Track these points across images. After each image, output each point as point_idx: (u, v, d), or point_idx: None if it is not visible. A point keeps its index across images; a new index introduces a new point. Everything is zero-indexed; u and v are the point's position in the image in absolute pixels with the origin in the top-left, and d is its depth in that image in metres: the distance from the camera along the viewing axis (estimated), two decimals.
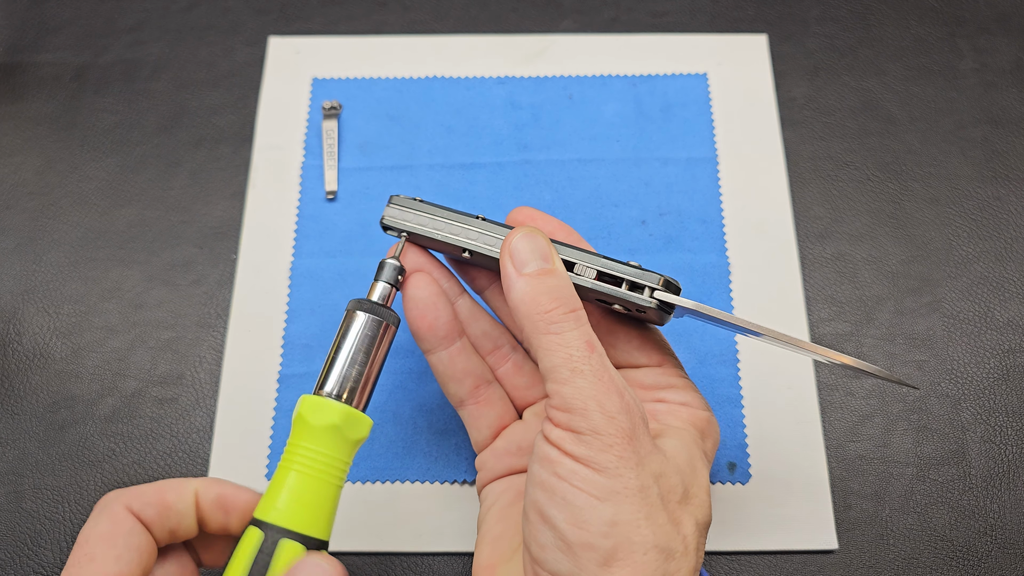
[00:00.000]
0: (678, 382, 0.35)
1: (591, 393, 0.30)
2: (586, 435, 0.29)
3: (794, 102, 0.52)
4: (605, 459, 0.29)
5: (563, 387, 0.30)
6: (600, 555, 0.29)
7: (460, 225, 0.36)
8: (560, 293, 0.32)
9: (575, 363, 0.30)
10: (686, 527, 0.30)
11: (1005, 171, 0.50)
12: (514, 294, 0.32)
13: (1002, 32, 0.54)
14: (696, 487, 0.32)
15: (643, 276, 0.33)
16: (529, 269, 0.32)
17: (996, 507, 0.42)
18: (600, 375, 0.30)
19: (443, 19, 0.55)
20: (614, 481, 0.29)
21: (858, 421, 0.44)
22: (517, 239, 0.33)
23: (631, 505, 0.29)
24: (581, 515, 0.29)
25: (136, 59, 0.54)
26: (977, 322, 0.46)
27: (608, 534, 0.29)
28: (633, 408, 0.30)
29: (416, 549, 0.41)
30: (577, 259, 0.34)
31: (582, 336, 0.31)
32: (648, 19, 0.54)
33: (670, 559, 0.29)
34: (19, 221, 0.49)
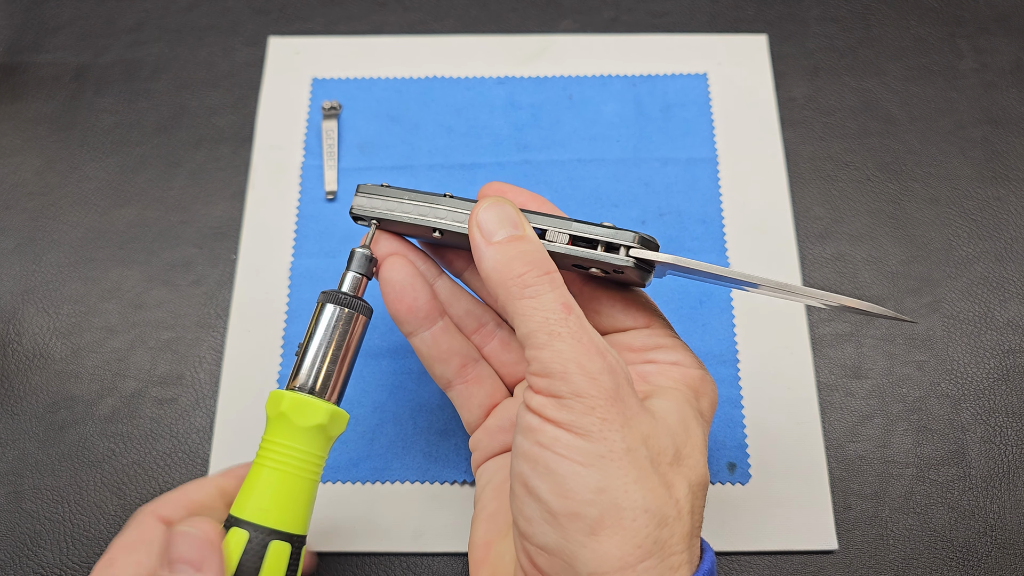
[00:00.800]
0: (667, 342, 0.34)
1: (571, 355, 0.28)
2: (567, 399, 0.28)
3: (794, 102, 0.52)
4: (588, 422, 0.28)
5: (541, 351, 0.29)
6: (587, 524, 0.27)
7: (428, 205, 0.35)
8: (532, 257, 0.31)
9: (552, 326, 0.29)
10: (679, 490, 0.29)
11: (1005, 171, 0.50)
12: (485, 263, 0.31)
13: (1002, 32, 0.54)
14: (689, 447, 0.30)
15: (617, 235, 0.32)
16: (498, 237, 0.31)
17: (996, 507, 0.42)
18: (579, 336, 0.29)
19: (443, 19, 0.55)
20: (598, 445, 0.28)
21: (858, 421, 0.44)
22: (483, 209, 0.32)
23: (618, 469, 0.28)
24: (565, 483, 0.28)
25: (136, 59, 0.54)
26: (977, 322, 0.46)
27: (594, 501, 0.27)
28: (616, 368, 0.29)
29: (416, 549, 0.41)
30: (549, 225, 0.33)
31: (558, 298, 0.30)
32: (648, 19, 0.54)
33: (663, 524, 0.28)
34: (19, 221, 0.49)
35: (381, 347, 0.45)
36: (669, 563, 0.28)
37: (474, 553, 0.34)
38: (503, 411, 0.37)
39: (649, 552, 0.27)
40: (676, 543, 0.28)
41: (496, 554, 0.33)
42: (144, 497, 0.42)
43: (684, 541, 0.28)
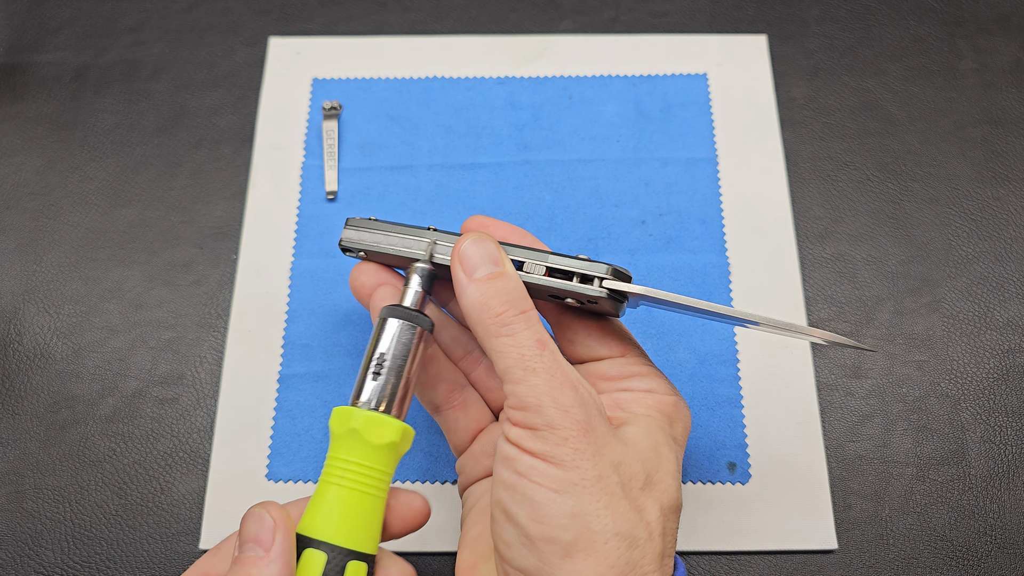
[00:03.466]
0: (642, 370, 0.35)
1: (545, 389, 0.30)
2: (542, 431, 0.30)
3: (794, 102, 0.52)
4: (561, 452, 0.30)
5: (518, 386, 0.31)
6: (561, 547, 0.29)
7: (413, 238, 0.37)
8: (510, 295, 0.32)
9: (527, 362, 0.31)
10: (649, 513, 0.31)
11: (1005, 171, 0.50)
12: (465, 299, 0.32)
13: (1002, 32, 0.54)
14: (662, 472, 0.32)
15: (591, 267, 0.34)
16: (479, 274, 0.33)
17: (996, 507, 0.42)
18: (553, 372, 0.31)
19: (443, 19, 0.55)
20: (571, 473, 0.29)
21: (858, 421, 0.44)
22: (466, 245, 0.33)
23: (590, 495, 0.29)
24: (541, 509, 0.29)
25: (136, 59, 0.54)
26: (977, 322, 0.46)
27: (568, 526, 0.29)
28: (588, 400, 0.31)
29: (416, 549, 0.41)
30: (526, 258, 0.35)
31: (533, 335, 0.31)
32: (648, 19, 0.54)
33: (633, 546, 0.29)
34: (19, 221, 0.49)
35: None
36: None
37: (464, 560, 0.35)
38: (487, 436, 0.38)
39: (621, 573, 0.29)
40: (648, 563, 0.30)
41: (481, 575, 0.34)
42: (145, 497, 0.43)
43: (656, 561, 0.30)
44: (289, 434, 0.43)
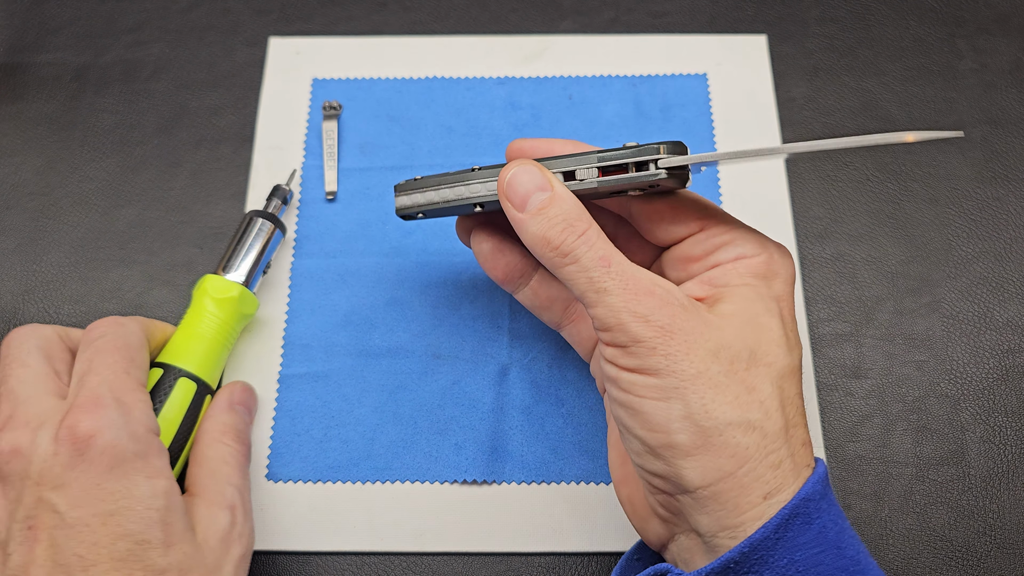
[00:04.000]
0: (724, 239, 0.34)
1: (621, 305, 0.31)
2: (631, 346, 0.31)
3: (794, 102, 0.52)
4: (654, 362, 0.30)
5: (596, 309, 0.31)
6: (681, 450, 0.30)
7: (460, 185, 0.36)
8: (564, 219, 0.32)
9: (597, 283, 0.31)
10: (761, 391, 0.31)
11: (1005, 171, 0.50)
12: (524, 237, 0.33)
13: (1002, 32, 0.54)
14: (765, 343, 0.32)
15: (644, 151, 0.32)
16: (530, 207, 0.32)
17: (995, 507, 0.42)
18: (625, 285, 0.31)
19: (443, 19, 0.55)
20: (669, 379, 0.30)
21: (857, 421, 0.44)
22: (507, 182, 0.33)
23: (693, 394, 0.30)
24: (652, 419, 0.30)
25: (136, 59, 0.54)
26: (976, 322, 0.46)
27: (681, 429, 0.30)
28: (668, 299, 0.31)
29: (416, 549, 0.41)
30: (575, 165, 0.33)
31: (596, 254, 0.31)
32: (648, 19, 0.54)
33: (749, 430, 0.30)
34: (19, 221, 0.49)
35: (381, 347, 0.45)
36: (767, 462, 0.30)
37: (613, 473, 0.37)
38: None
39: (744, 459, 0.30)
40: (770, 443, 0.30)
41: (630, 474, 0.36)
42: None
43: (779, 438, 0.30)
44: (289, 434, 0.43)
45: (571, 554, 0.41)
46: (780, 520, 0.29)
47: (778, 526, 0.29)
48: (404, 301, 0.46)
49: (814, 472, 0.31)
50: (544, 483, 0.42)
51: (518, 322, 0.46)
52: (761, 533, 0.29)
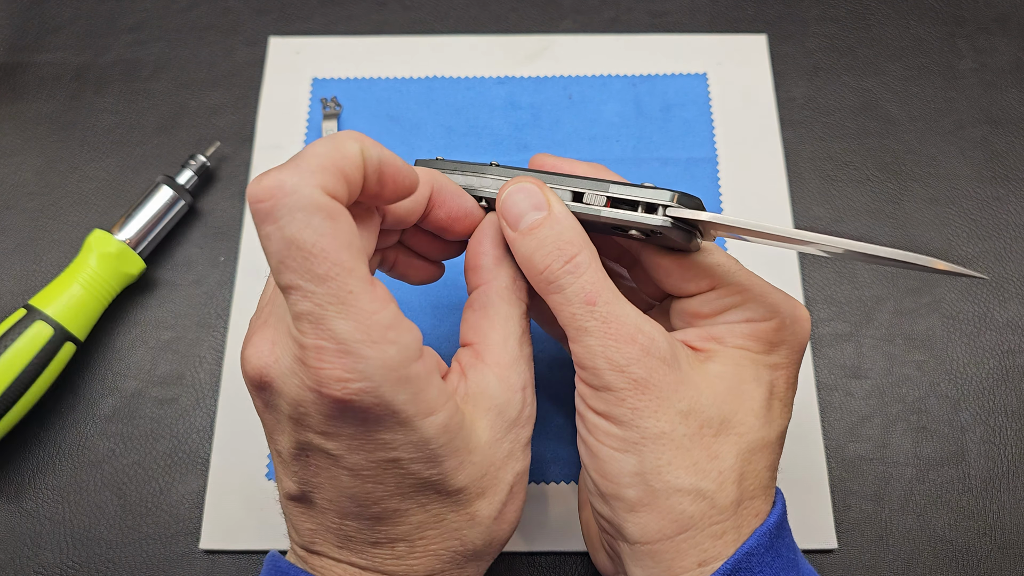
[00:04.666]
0: (735, 300, 0.32)
1: (599, 349, 0.30)
2: (600, 391, 0.30)
3: (794, 102, 0.52)
4: (620, 412, 0.30)
5: (574, 346, 0.30)
6: (626, 503, 0.30)
7: (475, 175, 0.34)
8: (555, 242, 0.30)
9: (578, 321, 0.30)
10: (723, 460, 0.30)
11: (1005, 171, 0.50)
12: (516, 257, 0.32)
13: (1002, 32, 0.54)
14: (741, 413, 0.30)
15: (655, 195, 0.30)
16: (522, 225, 0.31)
17: (995, 508, 0.42)
18: (606, 328, 0.29)
19: (443, 19, 0.55)
20: (631, 432, 0.29)
21: (857, 422, 0.44)
22: (505, 196, 0.31)
23: (651, 453, 0.29)
24: (606, 467, 0.30)
25: (136, 59, 0.54)
26: (976, 322, 0.46)
27: (631, 484, 0.30)
28: (650, 349, 0.29)
29: None
30: (586, 188, 0.32)
31: (581, 289, 0.30)
32: (648, 19, 0.54)
33: (699, 499, 0.29)
34: (19, 221, 0.49)
35: None
36: (709, 532, 0.29)
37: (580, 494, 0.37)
38: None
39: (685, 526, 0.29)
40: (717, 513, 0.29)
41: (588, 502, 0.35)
42: (144, 497, 0.42)
43: (728, 510, 0.30)
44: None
45: (571, 554, 0.41)
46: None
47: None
48: (403, 301, 0.46)
49: (763, 523, 0.30)
50: (544, 483, 0.42)
51: None
52: None
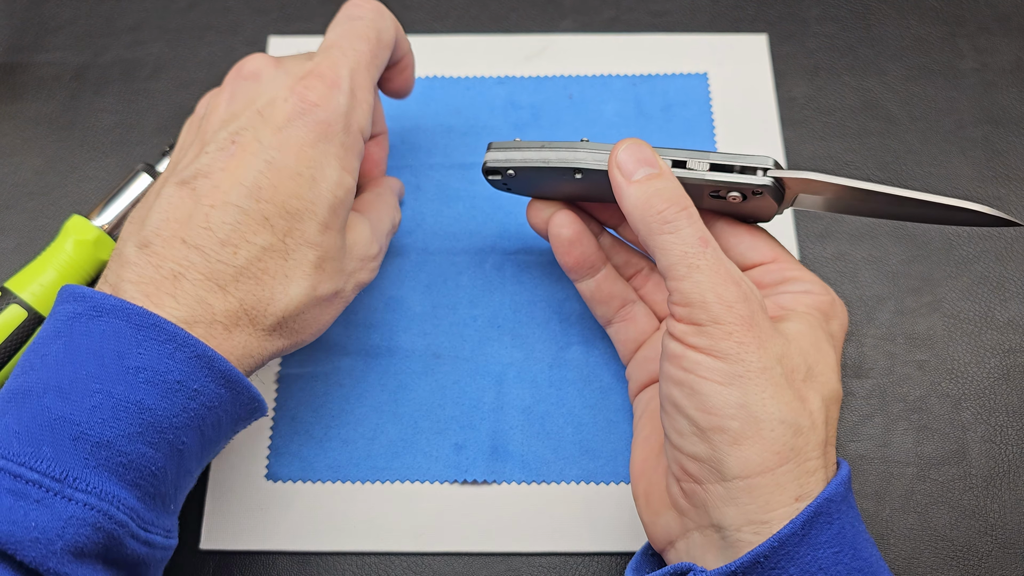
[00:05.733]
0: (795, 273, 0.36)
1: (709, 285, 0.31)
2: (707, 326, 0.31)
3: (794, 102, 0.52)
4: (726, 346, 0.31)
5: (681, 283, 0.32)
6: (730, 436, 0.30)
7: (566, 150, 0.37)
8: (670, 193, 0.33)
9: (691, 259, 0.32)
10: (812, 403, 0.32)
11: (1005, 171, 0.50)
12: (627, 201, 0.34)
13: (1002, 32, 0.54)
14: (822, 365, 0.33)
15: (754, 160, 0.34)
16: (637, 176, 0.34)
17: (997, 507, 0.42)
18: (716, 268, 0.32)
19: (443, 19, 0.55)
20: (736, 366, 0.31)
21: (858, 421, 0.44)
22: (621, 151, 0.34)
23: (755, 386, 0.31)
24: (709, 401, 0.31)
25: (136, 59, 0.54)
26: (977, 322, 0.46)
27: (735, 416, 0.30)
28: (751, 296, 0.32)
29: (416, 549, 0.41)
30: (688, 156, 0.35)
31: (696, 232, 0.32)
32: (648, 19, 0.54)
33: (798, 433, 0.31)
34: (19, 221, 0.49)
35: (381, 347, 0.45)
36: (805, 467, 0.31)
37: (633, 470, 0.38)
38: (652, 343, 0.41)
39: (786, 458, 0.30)
40: (811, 450, 0.31)
41: (651, 467, 0.36)
42: None
43: (819, 448, 0.31)
44: (289, 434, 0.43)
45: (571, 554, 0.41)
46: (806, 518, 0.29)
47: (804, 523, 0.29)
48: (403, 301, 0.46)
49: (837, 474, 0.32)
50: (544, 483, 0.42)
51: (518, 322, 0.45)
52: (789, 529, 0.29)
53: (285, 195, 0.34)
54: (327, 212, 0.34)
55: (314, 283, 0.35)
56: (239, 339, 0.33)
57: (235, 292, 0.33)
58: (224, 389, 0.32)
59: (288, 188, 0.34)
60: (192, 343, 0.31)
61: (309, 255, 0.34)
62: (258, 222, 0.33)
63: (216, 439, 0.33)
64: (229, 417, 0.33)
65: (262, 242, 0.33)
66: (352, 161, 0.36)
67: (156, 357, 0.30)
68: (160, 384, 0.30)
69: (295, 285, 0.34)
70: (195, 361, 0.31)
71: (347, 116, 0.35)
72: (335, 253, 0.35)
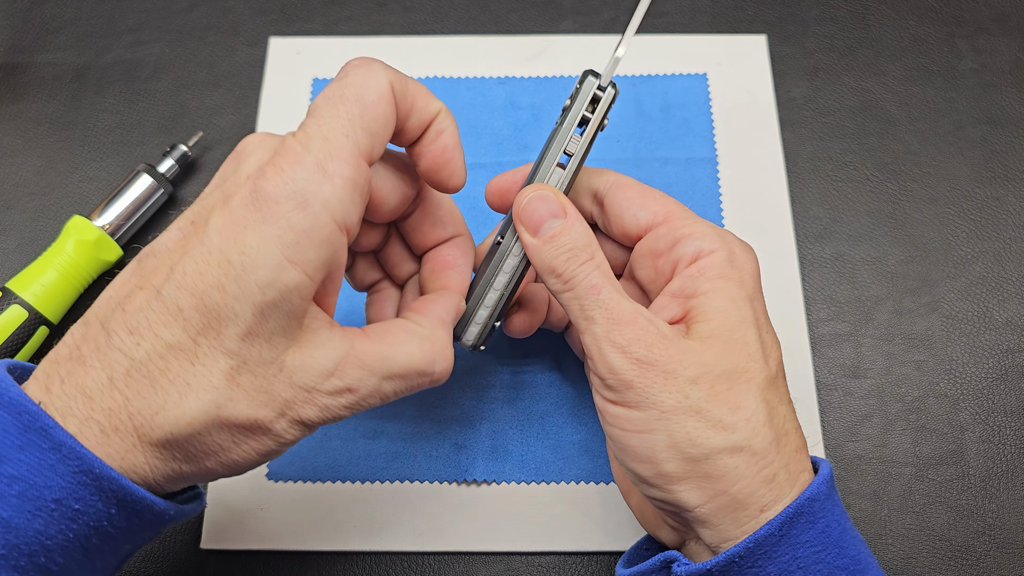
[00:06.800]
0: (688, 230, 0.35)
1: (603, 334, 0.31)
2: (608, 378, 0.31)
3: (793, 102, 0.52)
4: (632, 396, 0.31)
5: (584, 337, 0.32)
6: (672, 477, 0.31)
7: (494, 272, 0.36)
8: (572, 248, 0.33)
9: (586, 311, 0.32)
10: (747, 408, 0.31)
11: (1004, 171, 0.50)
12: (535, 264, 0.33)
13: (1001, 32, 0.54)
14: (744, 359, 0.32)
15: (587, 89, 0.35)
16: (543, 233, 0.33)
17: (994, 507, 0.42)
18: (609, 313, 0.31)
19: (443, 19, 0.55)
20: (649, 411, 0.31)
21: (857, 421, 0.44)
22: (525, 203, 0.34)
23: (676, 425, 0.30)
24: (640, 452, 0.31)
25: (136, 59, 0.54)
26: (976, 322, 0.46)
27: (669, 458, 0.30)
28: (650, 328, 0.31)
29: (416, 549, 0.41)
30: (558, 148, 0.35)
31: (589, 283, 0.32)
32: (648, 19, 0.54)
33: (736, 451, 0.30)
34: (20, 221, 0.49)
35: None
36: (761, 477, 0.30)
37: (619, 484, 0.38)
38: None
39: (736, 478, 0.30)
40: (760, 458, 0.30)
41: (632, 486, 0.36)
42: None
43: (770, 451, 0.31)
44: None
45: (571, 554, 0.41)
46: (784, 518, 0.30)
47: (782, 524, 0.30)
48: None
49: (819, 474, 0.31)
50: (544, 483, 0.42)
51: None
52: (765, 530, 0.30)
53: (207, 285, 0.27)
54: (252, 314, 0.27)
55: (218, 401, 0.28)
56: (118, 447, 0.27)
57: (123, 389, 0.27)
58: (115, 508, 0.27)
59: (212, 277, 0.27)
60: (79, 455, 0.26)
61: (221, 364, 0.28)
62: (171, 312, 0.27)
63: (113, 551, 0.29)
64: (125, 534, 0.28)
65: (169, 337, 0.27)
66: (307, 252, 0.28)
67: (36, 469, 0.26)
68: (34, 500, 0.26)
69: (193, 398, 0.27)
70: (79, 477, 0.26)
71: (304, 193, 0.28)
72: (260, 369, 0.28)
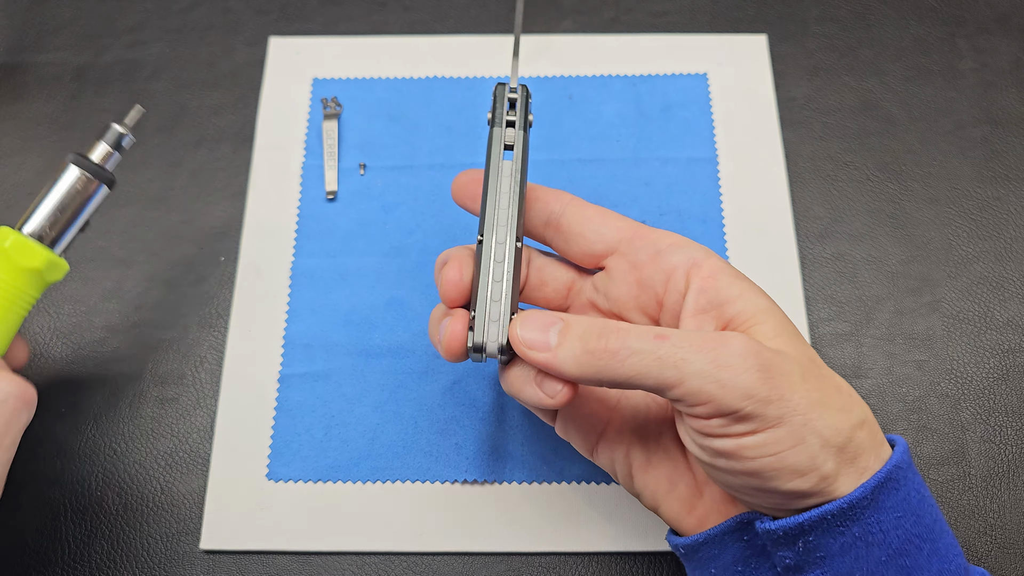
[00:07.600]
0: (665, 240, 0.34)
1: (709, 369, 0.29)
2: (743, 407, 0.28)
3: (794, 102, 0.52)
4: (774, 410, 0.29)
5: (684, 387, 0.29)
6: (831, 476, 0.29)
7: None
8: (596, 333, 0.30)
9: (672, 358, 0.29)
10: (841, 385, 0.31)
11: (1005, 171, 0.50)
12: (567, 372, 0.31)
13: (1002, 32, 0.54)
14: (804, 339, 0.32)
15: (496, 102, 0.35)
16: (552, 343, 0.31)
17: (996, 507, 0.42)
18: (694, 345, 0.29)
19: (443, 19, 0.55)
20: (793, 421, 0.29)
21: None
22: (520, 337, 0.31)
23: (819, 421, 0.29)
24: (798, 467, 0.29)
25: (136, 59, 0.54)
26: (977, 322, 0.46)
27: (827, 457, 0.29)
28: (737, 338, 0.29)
29: (416, 549, 0.41)
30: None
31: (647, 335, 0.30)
32: (648, 19, 0.54)
33: (860, 425, 0.30)
34: None
35: (381, 347, 0.45)
36: (876, 441, 0.31)
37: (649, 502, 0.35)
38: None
39: (863, 449, 0.30)
40: (872, 424, 0.31)
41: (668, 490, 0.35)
42: (145, 497, 0.42)
43: (873, 419, 0.31)
44: (289, 434, 0.43)
45: (571, 554, 0.41)
46: (876, 483, 0.30)
47: (875, 488, 0.30)
48: (404, 301, 0.46)
49: (899, 444, 0.31)
50: (544, 483, 0.42)
51: None
52: (859, 492, 0.29)
53: None
54: None
55: None
56: None
57: None
58: None
59: None
60: None
61: None
62: None
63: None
64: None
65: None
66: None
67: None
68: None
69: None
70: None
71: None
72: None
